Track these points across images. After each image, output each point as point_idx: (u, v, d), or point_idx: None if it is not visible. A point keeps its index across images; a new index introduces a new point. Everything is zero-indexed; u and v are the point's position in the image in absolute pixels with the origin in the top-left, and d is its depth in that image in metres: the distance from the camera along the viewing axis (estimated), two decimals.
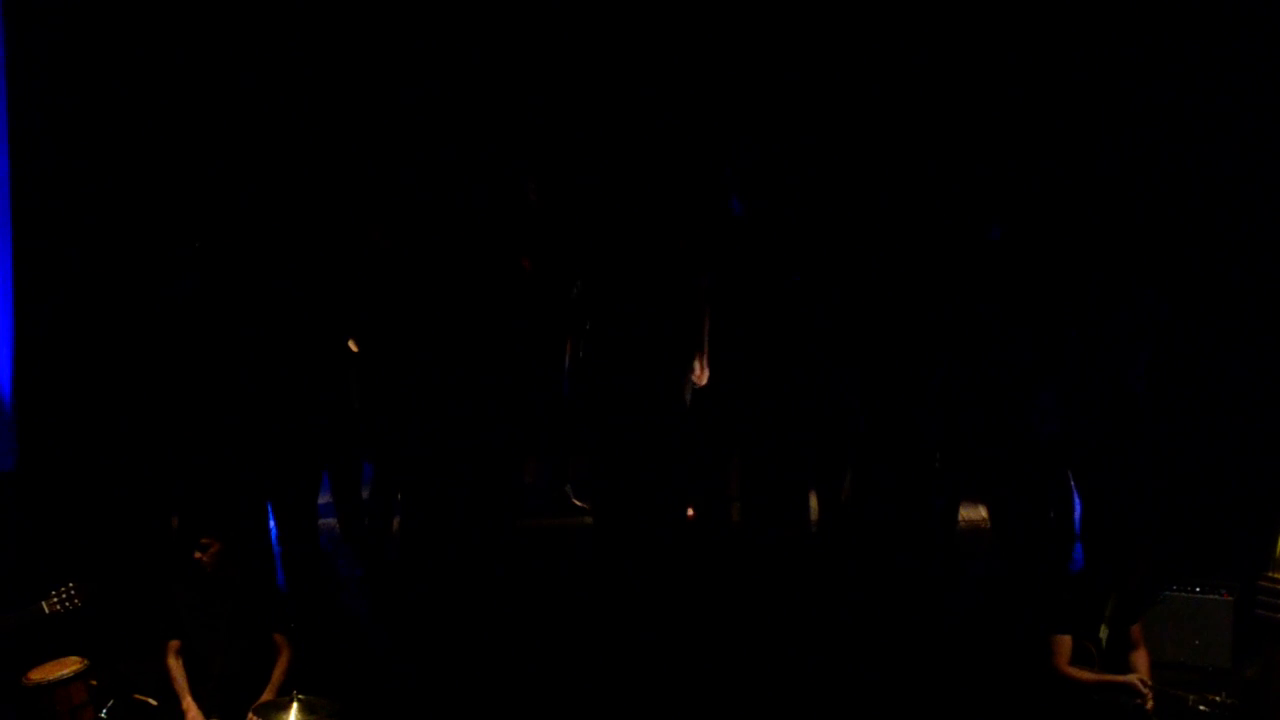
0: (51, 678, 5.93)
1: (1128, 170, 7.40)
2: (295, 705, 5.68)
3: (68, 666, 5.99)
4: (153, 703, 6.01)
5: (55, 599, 5.95)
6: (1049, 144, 7.64)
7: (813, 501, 7.80)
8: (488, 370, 7.52)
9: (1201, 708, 5.66)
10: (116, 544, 7.18)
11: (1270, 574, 6.07)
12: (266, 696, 5.86)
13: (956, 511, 7.74)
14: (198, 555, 6.01)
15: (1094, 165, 7.45)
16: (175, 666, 6.00)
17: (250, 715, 5.70)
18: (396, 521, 7.78)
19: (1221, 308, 7.22)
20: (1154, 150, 7.34)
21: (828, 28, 7.95)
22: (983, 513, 8.01)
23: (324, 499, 7.60)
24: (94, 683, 6.03)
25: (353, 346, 7.60)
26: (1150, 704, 5.65)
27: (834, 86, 7.99)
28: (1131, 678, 5.69)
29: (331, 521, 7.67)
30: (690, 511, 7.79)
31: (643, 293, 7.58)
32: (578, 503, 8.16)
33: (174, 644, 6.03)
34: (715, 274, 7.56)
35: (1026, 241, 7.37)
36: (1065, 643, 5.79)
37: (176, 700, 5.96)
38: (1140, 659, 5.91)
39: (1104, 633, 5.83)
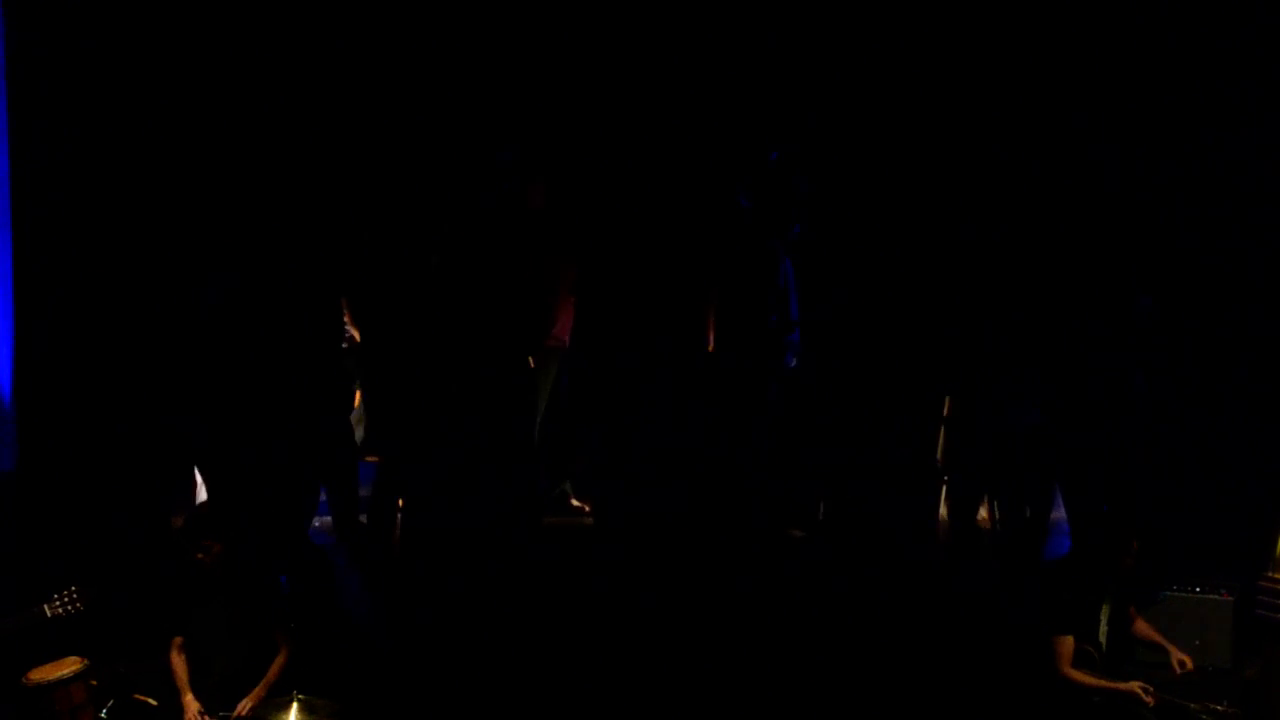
0: (51, 678, 5.94)
1: (1126, 169, 7.43)
2: (295, 705, 5.75)
3: (68, 666, 6.01)
4: (152, 703, 6.03)
5: (57, 602, 5.99)
6: (1046, 143, 7.67)
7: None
8: (491, 370, 7.56)
9: (1204, 718, 5.65)
10: (117, 544, 7.18)
11: (1270, 574, 6.20)
12: (259, 693, 5.88)
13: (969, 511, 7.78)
14: (199, 556, 6.03)
15: (1091, 164, 7.48)
16: (178, 662, 6.02)
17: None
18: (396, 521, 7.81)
19: (1221, 307, 7.24)
20: (1153, 150, 7.37)
21: (832, 30, 7.99)
22: (982, 513, 8.06)
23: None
24: (94, 683, 6.04)
25: (354, 333, 7.67)
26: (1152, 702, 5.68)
27: (837, 90, 8.04)
28: (1134, 685, 5.68)
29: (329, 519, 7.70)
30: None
31: (645, 291, 7.63)
32: (576, 502, 8.18)
33: (178, 640, 6.05)
34: (723, 274, 7.62)
35: (1027, 244, 7.40)
36: (1067, 644, 5.76)
37: (177, 695, 5.97)
38: (1141, 627, 5.96)
39: (1103, 634, 5.84)
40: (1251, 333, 7.18)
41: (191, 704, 5.89)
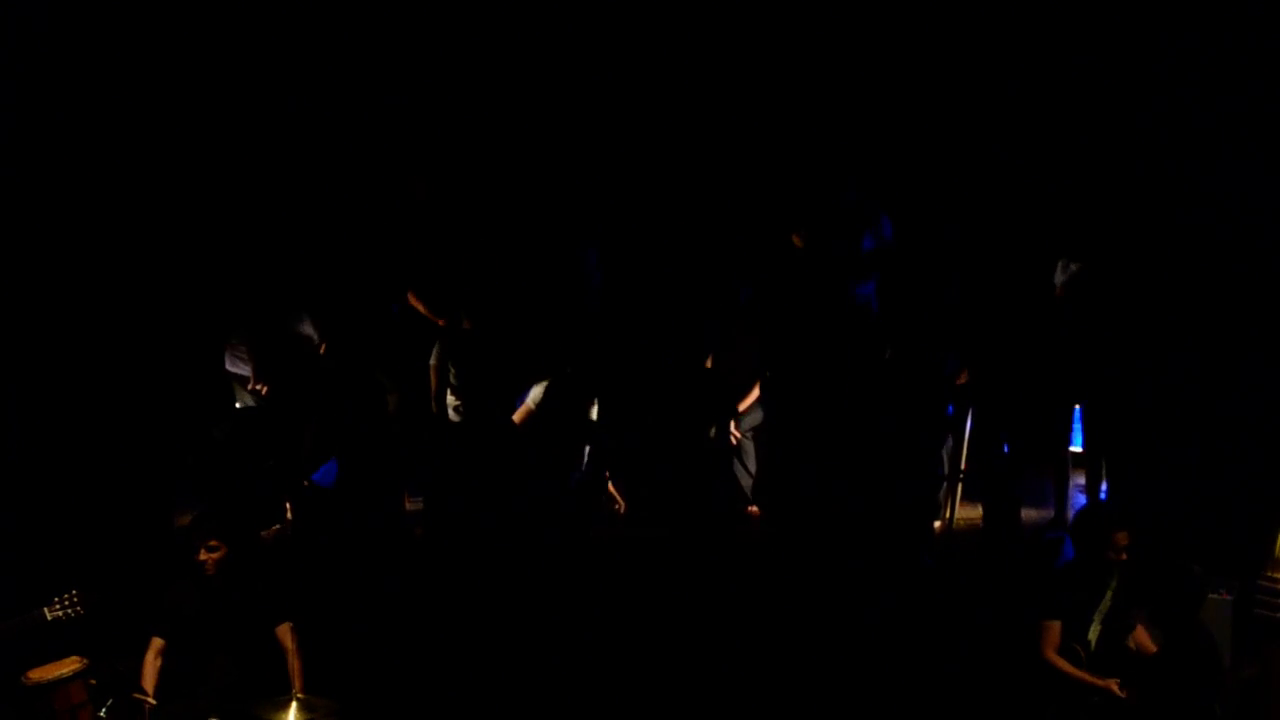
0: (50, 677, 5.94)
1: (1128, 171, 7.47)
2: (295, 705, 5.71)
3: (67, 666, 6.00)
4: (151, 701, 6.00)
5: (57, 605, 5.98)
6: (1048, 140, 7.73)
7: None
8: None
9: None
10: (116, 544, 7.22)
11: (1269, 573, 6.12)
12: (298, 690, 5.87)
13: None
14: (203, 556, 6.03)
15: (1099, 161, 7.54)
16: (151, 664, 6.06)
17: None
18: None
19: (1222, 309, 7.26)
20: (1160, 153, 7.41)
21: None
22: (979, 511, 8.08)
23: None
24: (93, 682, 6.02)
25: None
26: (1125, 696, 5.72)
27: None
28: (1111, 682, 5.73)
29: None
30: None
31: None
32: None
33: (158, 642, 6.08)
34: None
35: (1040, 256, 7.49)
36: (1054, 629, 5.84)
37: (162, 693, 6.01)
38: (1140, 636, 5.98)
39: (1095, 633, 5.88)
40: (1252, 333, 7.20)
41: (150, 701, 5.92)
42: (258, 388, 7.80)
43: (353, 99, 8.28)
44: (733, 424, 8.09)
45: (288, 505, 7.87)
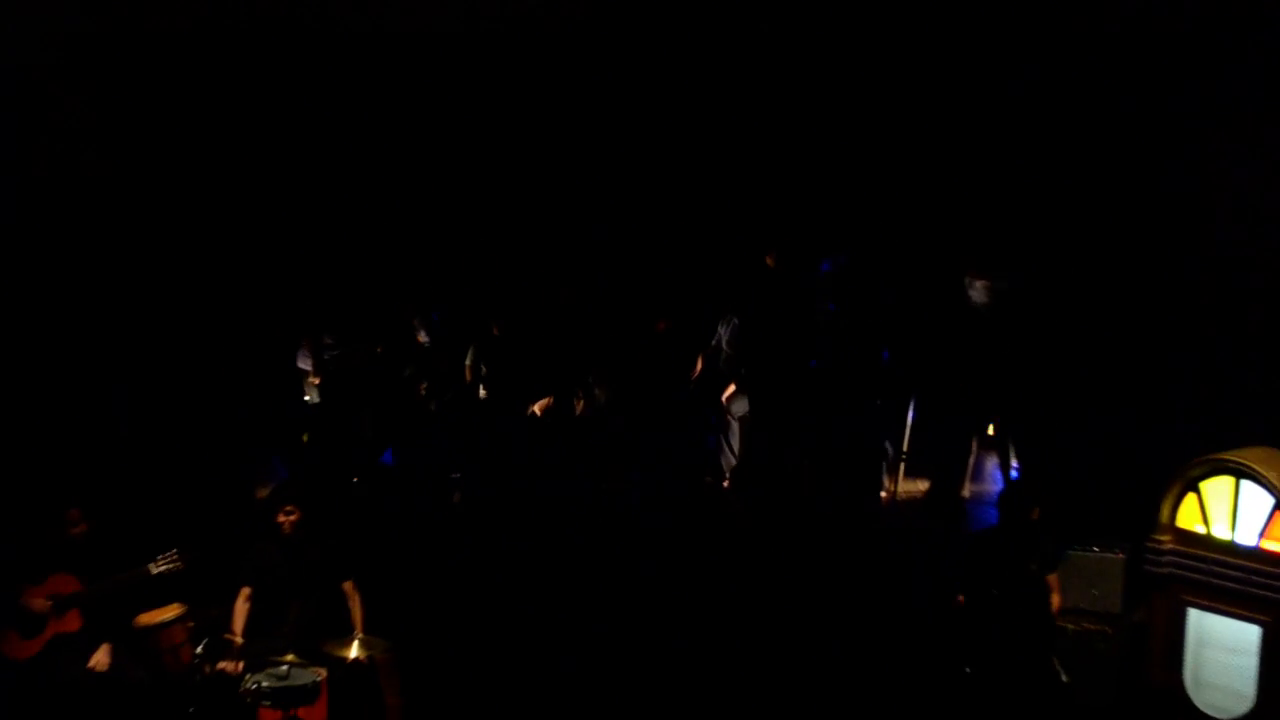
0: (156, 620, 6.91)
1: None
2: (356, 642, 6.69)
3: (169, 612, 6.98)
4: (240, 640, 6.88)
5: (161, 561, 6.84)
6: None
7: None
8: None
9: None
10: (208, 510, 8.09)
11: (1155, 536, 7.01)
12: (359, 631, 6.76)
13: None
14: (281, 519, 6.97)
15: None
16: (240, 609, 6.92)
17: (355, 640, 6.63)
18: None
19: (1119, 315, 8.15)
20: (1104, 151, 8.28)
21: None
22: (920, 486, 9.17)
23: None
24: (191, 625, 6.97)
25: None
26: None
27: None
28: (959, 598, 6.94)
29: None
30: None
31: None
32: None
33: (246, 590, 6.97)
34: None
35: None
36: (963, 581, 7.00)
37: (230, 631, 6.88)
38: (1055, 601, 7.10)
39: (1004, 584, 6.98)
40: (1153, 340, 8.07)
41: (238, 639, 6.82)
42: (313, 380, 8.83)
43: (408, 132, 8.99)
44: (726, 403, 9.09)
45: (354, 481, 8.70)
